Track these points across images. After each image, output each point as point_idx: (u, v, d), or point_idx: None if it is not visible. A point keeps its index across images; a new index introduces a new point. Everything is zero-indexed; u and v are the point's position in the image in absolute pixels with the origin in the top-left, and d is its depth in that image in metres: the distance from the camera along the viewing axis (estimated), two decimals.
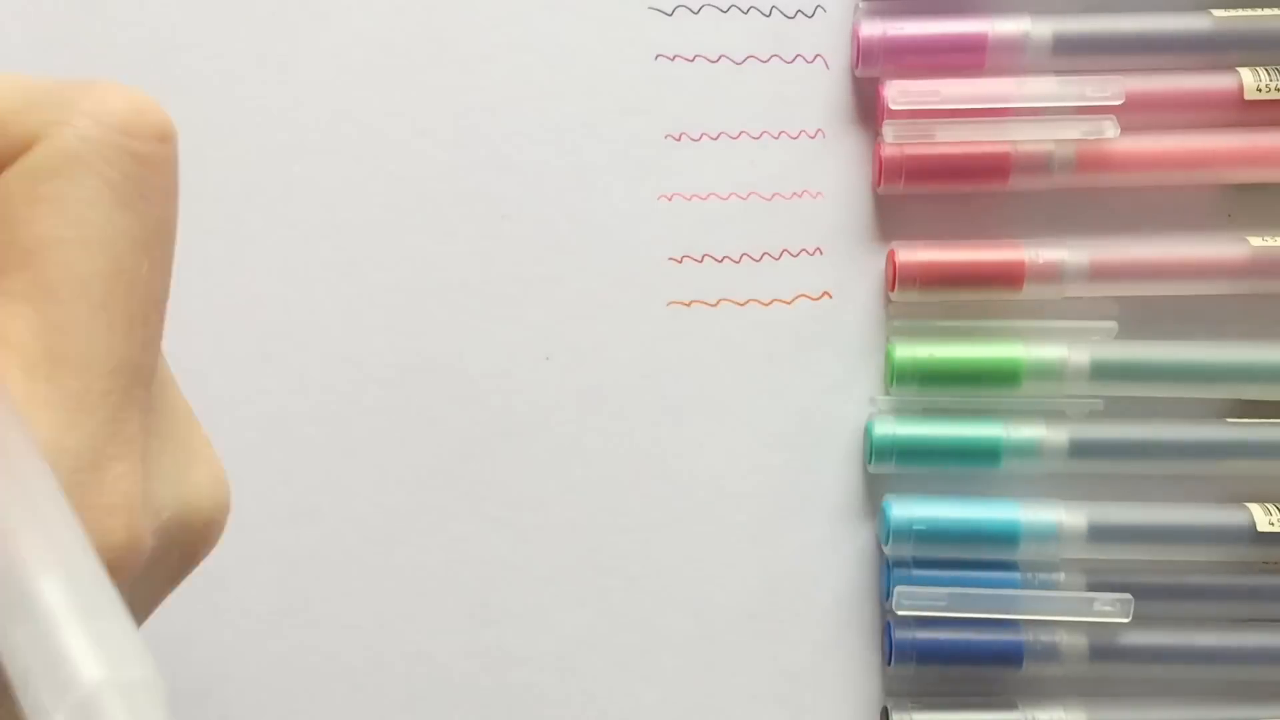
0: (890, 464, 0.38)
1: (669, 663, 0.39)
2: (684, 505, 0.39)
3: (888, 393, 0.38)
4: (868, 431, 0.38)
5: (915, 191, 0.38)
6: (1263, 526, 0.37)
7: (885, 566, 0.38)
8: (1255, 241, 0.37)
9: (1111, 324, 0.38)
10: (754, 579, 0.39)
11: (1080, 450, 0.37)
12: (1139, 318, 0.38)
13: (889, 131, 0.37)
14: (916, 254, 0.38)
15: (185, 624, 0.39)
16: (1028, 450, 0.37)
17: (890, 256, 0.38)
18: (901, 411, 0.38)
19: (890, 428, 0.38)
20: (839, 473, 0.39)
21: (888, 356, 0.38)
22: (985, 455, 0.38)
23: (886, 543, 0.37)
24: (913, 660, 0.37)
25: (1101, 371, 0.37)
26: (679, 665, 0.39)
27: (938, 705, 0.38)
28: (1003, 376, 0.37)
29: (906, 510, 0.37)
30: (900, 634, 0.37)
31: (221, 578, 0.39)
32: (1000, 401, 0.38)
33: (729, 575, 0.39)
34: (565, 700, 0.39)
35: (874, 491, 0.39)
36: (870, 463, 0.38)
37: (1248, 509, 0.37)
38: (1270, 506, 0.37)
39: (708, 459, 0.39)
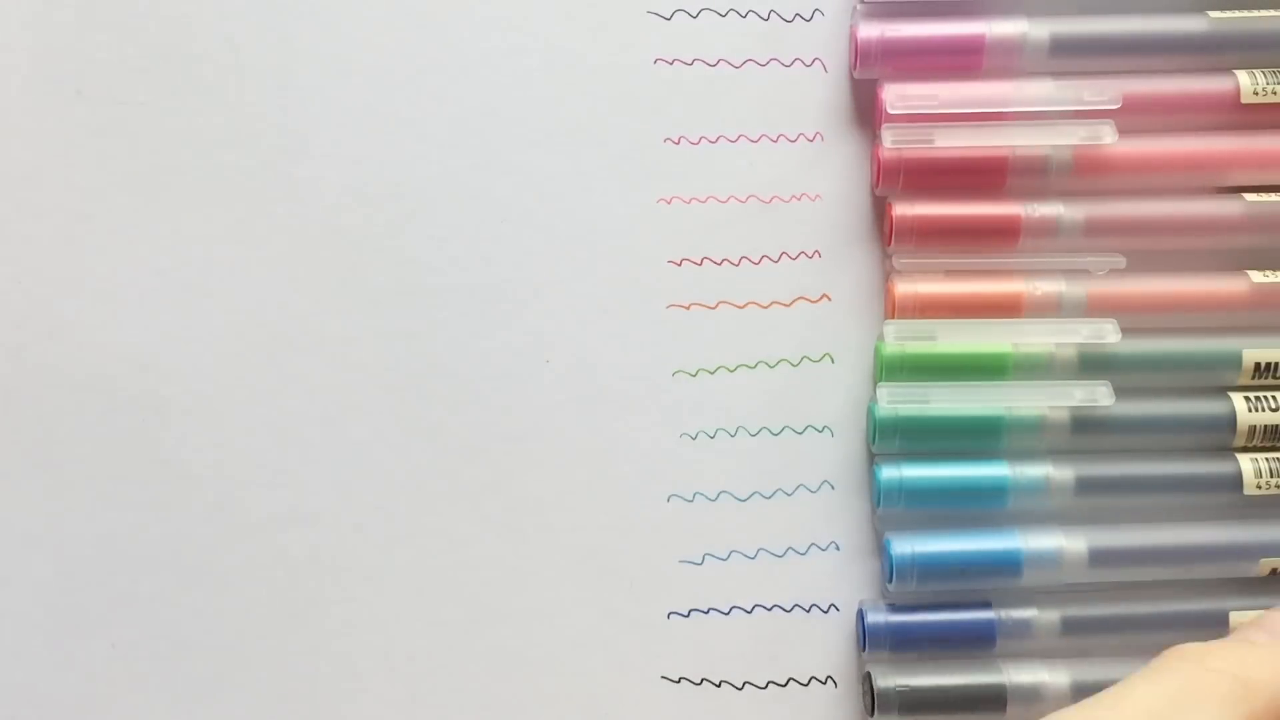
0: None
1: (669, 663, 0.39)
2: (684, 505, 0.39)
3: (877, 388, 0.38)
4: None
5: (913, 193, 0.38)
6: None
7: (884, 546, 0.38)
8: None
9: (1111, 323, 0.38)
10: (754, 578, 0.39)
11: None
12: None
13: (887, 136, 0.37)
14: (914, 208, 0.38)
15: (185, 624, 0.39)
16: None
17: (887, 210, 0.38)
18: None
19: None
20: (838, 467, 0.39)
21: (876, 353, 0.38)
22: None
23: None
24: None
25: (1090, 365, 0.38)
26: (679, 665, 0.39)
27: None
28: (992, 369, 0.38)
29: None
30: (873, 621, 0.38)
31: (222, 577, 0.39)
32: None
33: (729, 574, 0.39)
34: (565, 700, 0.39)
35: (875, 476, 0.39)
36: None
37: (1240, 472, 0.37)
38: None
39: (708, 460, 0.39)
